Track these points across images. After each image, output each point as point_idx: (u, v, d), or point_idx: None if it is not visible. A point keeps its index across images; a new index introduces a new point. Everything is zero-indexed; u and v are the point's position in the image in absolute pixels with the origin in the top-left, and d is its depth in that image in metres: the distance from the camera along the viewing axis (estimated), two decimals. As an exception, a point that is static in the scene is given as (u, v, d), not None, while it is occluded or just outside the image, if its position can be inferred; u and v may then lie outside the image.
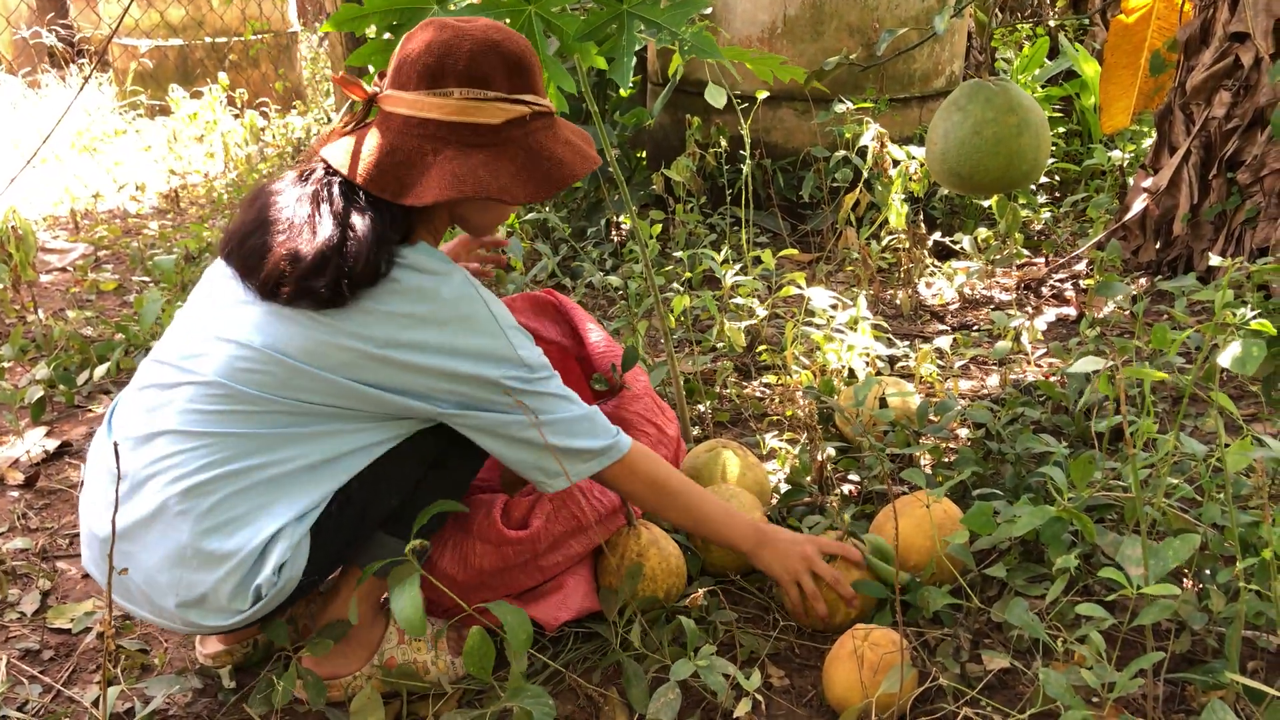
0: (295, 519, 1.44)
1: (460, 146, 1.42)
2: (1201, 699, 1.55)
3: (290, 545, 1.43)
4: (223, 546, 1.40)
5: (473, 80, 1.42)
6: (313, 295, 1.38)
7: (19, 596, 1.93)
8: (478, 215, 1.56)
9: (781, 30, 3.80)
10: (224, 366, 1.42)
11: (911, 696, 1.55)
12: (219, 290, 1.50)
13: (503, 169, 1.43)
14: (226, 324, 1.45)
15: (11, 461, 2.43)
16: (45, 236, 4.23)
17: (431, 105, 1.41)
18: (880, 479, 2.13)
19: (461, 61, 1.41)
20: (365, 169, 1.41)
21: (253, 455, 1.42)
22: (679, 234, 3.60)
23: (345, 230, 1.39)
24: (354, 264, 1.37)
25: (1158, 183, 3.39)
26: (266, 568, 1.42)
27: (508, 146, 1.45)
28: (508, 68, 1.44)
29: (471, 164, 1.41)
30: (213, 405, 1.42)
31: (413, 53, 1.43)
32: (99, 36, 7.29)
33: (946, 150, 2.13)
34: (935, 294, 3.38)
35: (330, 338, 1.40)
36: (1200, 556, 1.66)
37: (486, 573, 1.70)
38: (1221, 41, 3.22)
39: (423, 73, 1.42)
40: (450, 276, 1.44)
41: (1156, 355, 2.44)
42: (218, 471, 1.40)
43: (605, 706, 1.60)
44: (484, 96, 1.42)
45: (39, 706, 1.66)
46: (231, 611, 1.44)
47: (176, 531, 1.40)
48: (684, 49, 1.87)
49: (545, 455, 1.53)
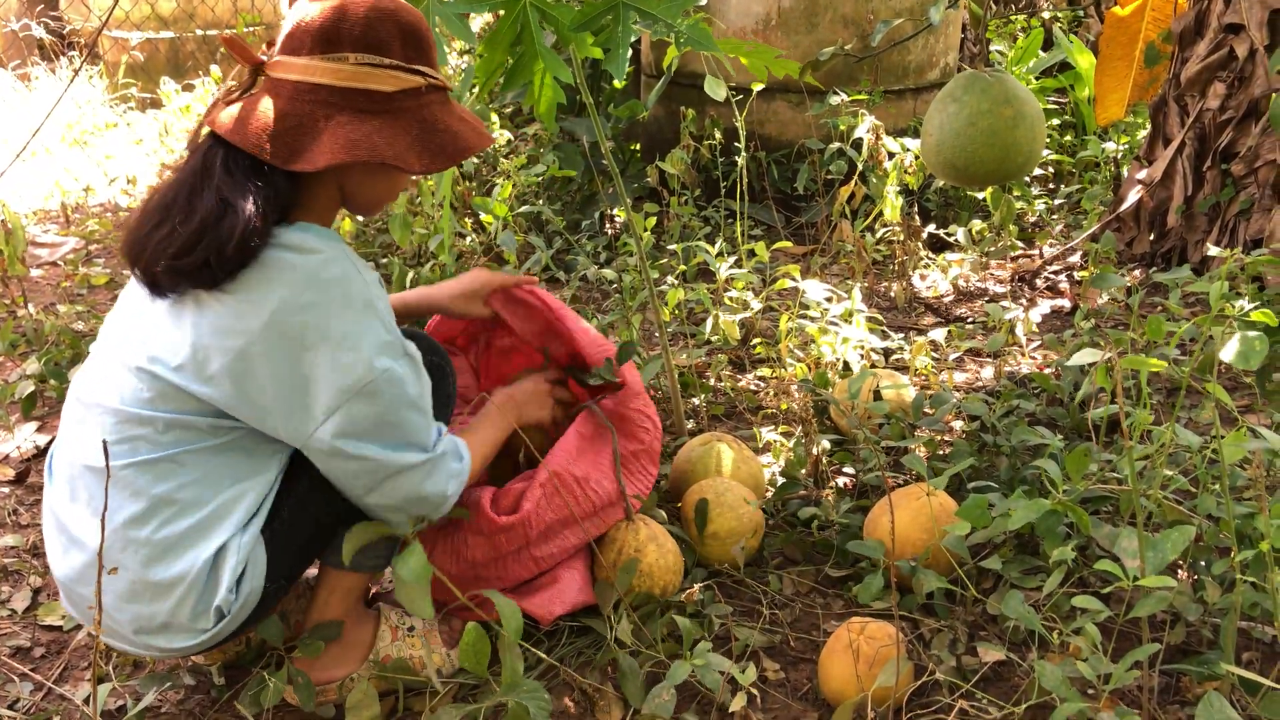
0: (239, 530, 1.41)
1: (353, 112, 1.38)
2: (1197, 690, 1.55)
3: (240, 559, 1.40)
4: (169, 573, 1.38)
5: (368, 46, 1.38)
6: (185, 275, 1.33)
7: (9, 594, 1.92)
8: (367, 189, 1.48)
9: (776, 22, 3.79)
10: (124, 393, 1.39)
11: (907, 690, 1.54)
12: (123, 309, 1.47)
13: (397, 138, 1.39)
14: (122, 343, 1.43)
15: (2, 457, 2.41)
16: (35, 230, 4.21)
17: (325, 70, 1.37)
18: (876, 471, 2.13)
19: (358, 27, 1.37)
20: (253, 135, 1.35)
21: (175, 475, 1.39)
22: (673, 227, 3.59)
23: (224, 206, 1.33)
24: (226, 241, 1.31)
25: (1152, 175, 3.39)
26: (221, 586, 1.40)
27: (401, 116, 1.40)
28: (403, 36, 1.40)
29: (366, 130, 1.37)
30: (123, 435, 1.39)
31: (307, 19, 1.39)
32: (89, 29, 7.25)
33: (942, 142, 2.13)
34: (930, 286, 3.38)
35: (212, 339, 1.35)
36: (1195, 548, 1.66)
37: (479, 564, 1.69)
38: (1216, 33, 3.22)
39: (317, 37, 1.37)
40: (329, 254, 1.37)
41: (1151, 347, 2.44)
42: (146, 501, 1.38)
43: (600, 702, 1.60)
44: (379, 62, 1.38)
45: (30, 704, 1.65)
46: (197, 631, 1.42)
47: (123, 568, 1.38)
48: (680, 41, 1.85)
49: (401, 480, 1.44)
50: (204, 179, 1.37)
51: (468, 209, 3.69)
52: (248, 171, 1.36)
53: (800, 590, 1.88)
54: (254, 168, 1.37)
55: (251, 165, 1.37)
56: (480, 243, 3.51)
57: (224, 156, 1.37)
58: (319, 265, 1.36)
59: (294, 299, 1.34)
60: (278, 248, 1.36)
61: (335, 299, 1.35)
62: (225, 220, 1.32)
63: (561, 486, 1.73)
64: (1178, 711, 1.53)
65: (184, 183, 1.39)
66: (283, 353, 1.34)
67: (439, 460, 1.46)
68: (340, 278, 1.37)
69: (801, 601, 1.84)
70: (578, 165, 3.86)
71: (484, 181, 4.18)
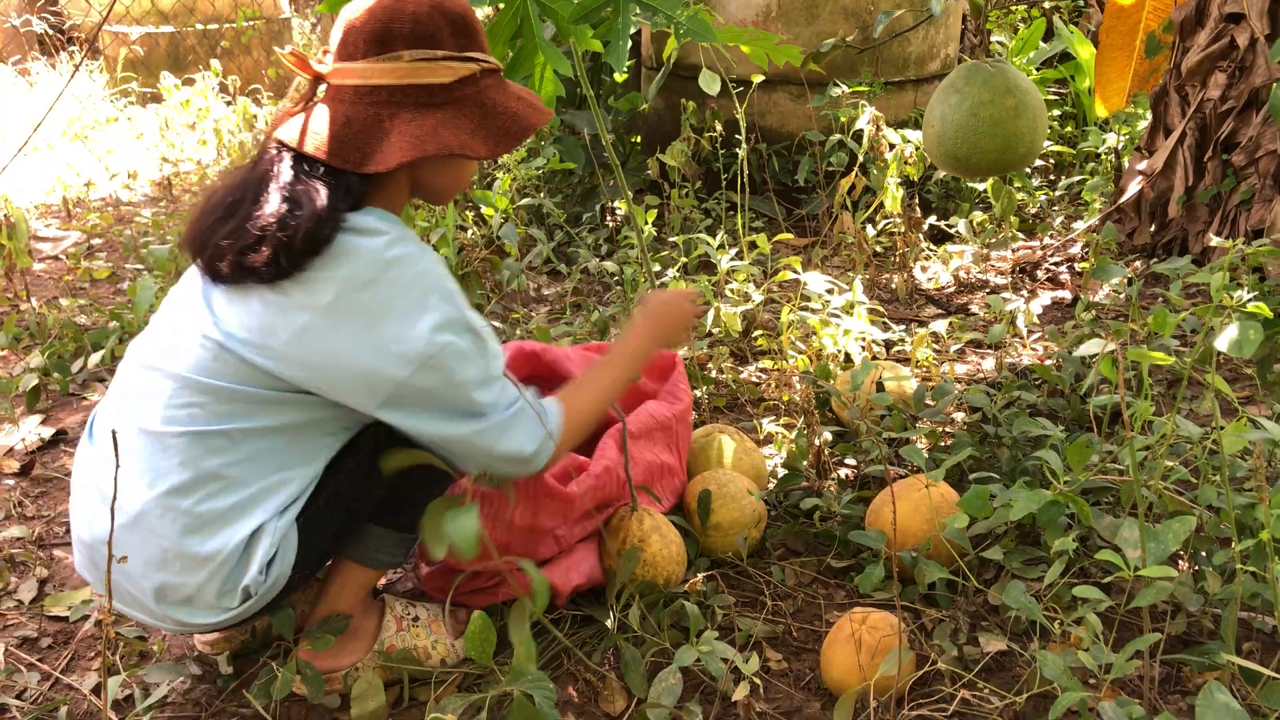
0: (276, 514, 1.43)
1: (415, 108, 1.41)
2: (1198, 680, 1.56)
3: (274, 542, 1.42)
4: (204, 548, 1.39)
5: (420, 41, 1.40)
6: (252, 270, 1.35)
7: (16, 585, 1.93)
8: (439, 178, 1.52)
9: (776, 13, 3.79)
10: (189, 360, 1.41)
11: (909, 679, 1.55)
12: (186, 285, 1.50)
13: (461, 126, 1.42)
14: (189, 317, 1.44)
15: (7, 450, 2.42)
16: (38, 225, 4.21)
17: (381, 71, 1.40)
18: (878, 463, 2.14)
19: (408, 24, 1.40)
20: (322, 142, 1.39)
21: (226, 451, 1.40)
22: (674, 219, 3.59)
23: (291, 203, 1.36)
24: (293, 234, 1.34)
25: (1153, 165, 3.39)
26: (252, 567, 1.41)
27: (462, 104, 1.44)
28: (453, 26, 1.43)
29: (430, 124, 1.40)
30: (183, 402, 1.40)
31: (356, 22, 1.41)
32: (89, 24, 7.24)
33: (944, 132, 2.13)
34: (931, 278, 3.38)
35: (278, 315, 1.37)
36: (1196, 539, 1.66)
37: (515, 529, 1.70)
38: (1217, 23, 3.21)
39: (370, 39, 1.40)
40: (394, 235, 1.39)
41: (1152, 338, 2.45)
42: (194, 471, 1.39)
43: (604, 690, 1.61)
44: (433, 56, 1.40)
45: (38, 694, 1.66)
46: (221, 609, 1.43)
47: (158, 535, 1.39)
48: (679, 32, 1.86)
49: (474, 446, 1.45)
50: (271, 180, 1.40)
51: (469, 202, 3.69)
52: (317, 175, 1.39)
53: (802, 581, 1.89)
54: (325, 171, 1.40)
55: (323, 167, 1.40)
56: (481, 235, 3.52)
57: (293, 160, 1.41)
58: (382, 245, 1.38)
59: (357, 277, 1.36)
60: (343, 231, 1.39)
61: (397, 277, 1.37)
62: (292, 218, 1.35)
63: (611, 482, 1.80)
64: (1179, 701, 1.53)
65: (249, 182, 1.42)
66: (346, 329, 1.36)
67: (508, 422, 1.45)
68: (402, 256, 1.38)
69: (804, 592, 1.85)
70: (579, 158, 3.86)
71: (484, 174, 4.19)
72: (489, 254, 3.28)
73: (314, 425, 1.45)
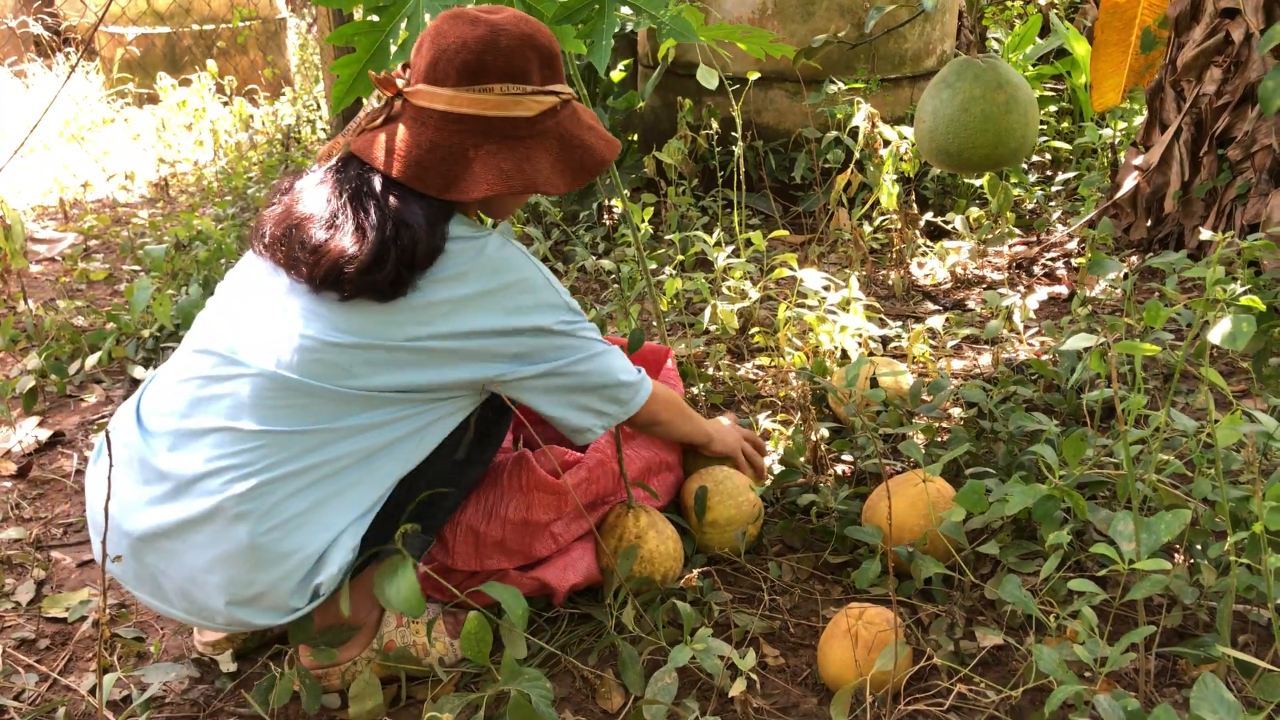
0: (358, 517, 1.45)
1: (499, 140, 1.45)
2: (1193, 673, 1.56)
3: (354, 544, 1.44)
4: (282, 546, 1.39)
5: (512, 75, 1.44)
6: (374, 289, 1.39)
7: (14, 586, 1.93)
8: (511, 201, 1.62)
9: (772, 11, 3.79)
10: (279, 358, 1.40)
11: (906, 674, 1.55)
12: (262, 283, 1.48)
13: (541, 161, 1.48)
14: (277, 315, 1.43)
15: (4, 452, 2.42)
16: (34, 226, 4.21)
17: (470, 101, 1.43)
18: (874, 458, 2.14)
19: (502, 58, 1.43)
20: (407, 165, 1.43)
21: (311, 452, 1.41)
22: (671, 217, 3.59)
23: (399, 224, 1.41)
24: (411, 252, 1.40)
25: (1149, 160, 3.39)
26: (331, 566, 1.42)
27: (543, 138, 1.48)
28: (542, 61, 1.47)
29: (515, 159, 1.45)
30: (269, 399, 1.40)
31: (450, 49, 1.43)
32: (85, 25, 7.24)
33: (935, 128, 2.13)
34: (927, 274, 3.38)
35: (389, 315, 1.42)
36: (1191, 531, 1.67)
37: (510, 524, 1.70)
38: (1212, 18, 3.22)
39: (462, 69, 1.43)
40: (489, 237, 1.48)
41: (1148, 332, 2.45)
42: (278, 472, 1.39)
43: (601, 688, 1.61)
44: (522, 91, 1.45)
45: (35, 695, 1.66)
46: (287, 610, 1.43)
47: (234, 532, 1.37)
48: (662, 32, 1.86)
49: (593, 396, 1.60)
50: (366, 198, 1.43)
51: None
52: (409, 192, 1.44)
53: (799, 577, 1.89)
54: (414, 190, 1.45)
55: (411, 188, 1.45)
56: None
57: (384, 181, 1.45)
58: (487, 243, 1.47)
59: (471, 272, 1.44)
60: (450, 240, 1.45)
61: (505, 269, 1.47)
62: (402, 236, 1.40)
63: (604, 475, 1.81)
64: (1174, 694, 1.54)
65: (342, 198, 1.44)
66: (468, 318, 1.45)
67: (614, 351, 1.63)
68: (504, 251, 1.48)
69: (800, 588, 1.86)
70: (575, 156, 3.85)
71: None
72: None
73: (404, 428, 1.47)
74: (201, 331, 1.51)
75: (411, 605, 1.37)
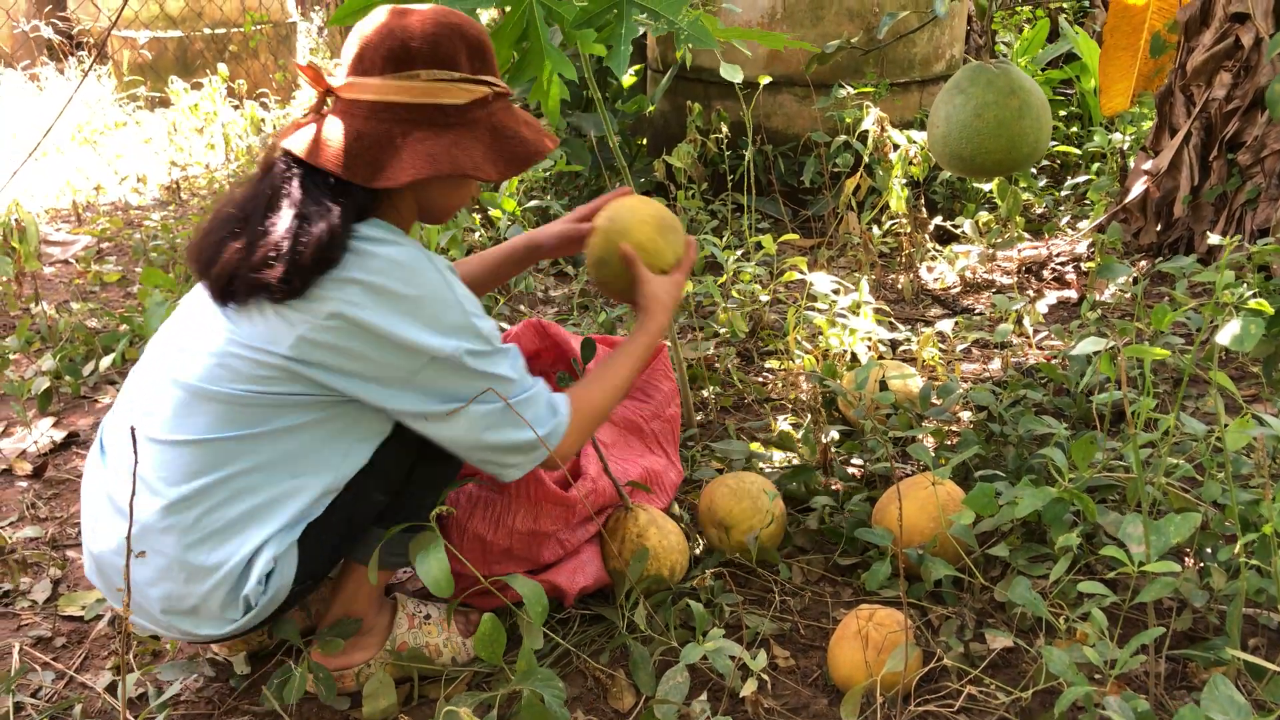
0: (283, 528, 1.44)
1: (428, 127, 1.42)
2: (1203, 675, 1.57)
3: (275, 554, 1.43)
4: (209, 559, 1.40)
5: (438, 62, 1.42)
6: (265, 289, 1.36)
7: (30, 585, 1.95)
8: (444, 198, 1.53)
9: (781, 15, 3.80)
10: (199, 370, 1.42)
11: (916, 676, 1.56)
12: (195, 298, 1.51)
13: (472, 148, 1.44)
14: (196, 323, 1.46)
15: (20, 452, 2.44)
16: (48, 229, 4.24)
17: (398, 89, 1.41)
18: (884, 461, 2.15)
19: (426, 45, 1.41)
20: (334, 155, 1.40)
21: (233, 461, 1.41)
22: (680, 220, 3.60)
23: (302, 221, 1.37)
24: (303, 253, 1.35)
25: (1158, 165, 3.40)
26: (252, 578, 1.42)
27: (473, 127, 1.45)
28: (471, 50, 1.44)
29: (443, 143, 1.42)
30: (185, 410, 1.41)
31: (373, 39, 1.42)
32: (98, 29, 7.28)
33: (948, 133, 2.14)
34: (937, 278, 3.39)
35: (283, 316, 1.38)
36: (1201, 535, 1.67)
37: (517, 533, 1.71)
38: (1222, 22, 3.22)
39: (388, 57, 1.41)
40: (401, 245, 1.41)
41: (1157, 336, 2.45)
42: (200, 482, 1.40)
43: (613, 688, 1.62)
44: (450, 77, 1.42)
45: (52, 693, 1.67)
46: (225, 620, 1.44)
47: (163, 545, 1.41)
48: (681, 37, 1.87)
49: (489, 450, 1.48)
50: (281, 196, 1.41)
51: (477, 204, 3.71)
52: (326, 189, 1.40)
53: (810, 579, 1.90)
54: (334, 185, 1.41)
55: (332, 183, 1.41)
56: (489, 238, 3.53)
57: (302, 176, 1.41)
58: (394, 252, 1.40)
59: (369, 281, 1.37)
60: (354, 240, 1.40)
61: (407, 282, 1.39)
62: (303, 237, 1.36)
63: (608, 486, 1.81)
64: (1184, 696, 1.54)
65: (259, 197, 1.42)
66: (358, 333, 1.37)
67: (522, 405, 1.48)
68: (411, 262, 1.40)
69: (811, 590, 1.86)
70: (585, 160, 3.87)
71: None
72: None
73: (327, 433, 1.45)
74: (144, 353, 1.55)
75: (440, 585, 1.37)
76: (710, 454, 2.29)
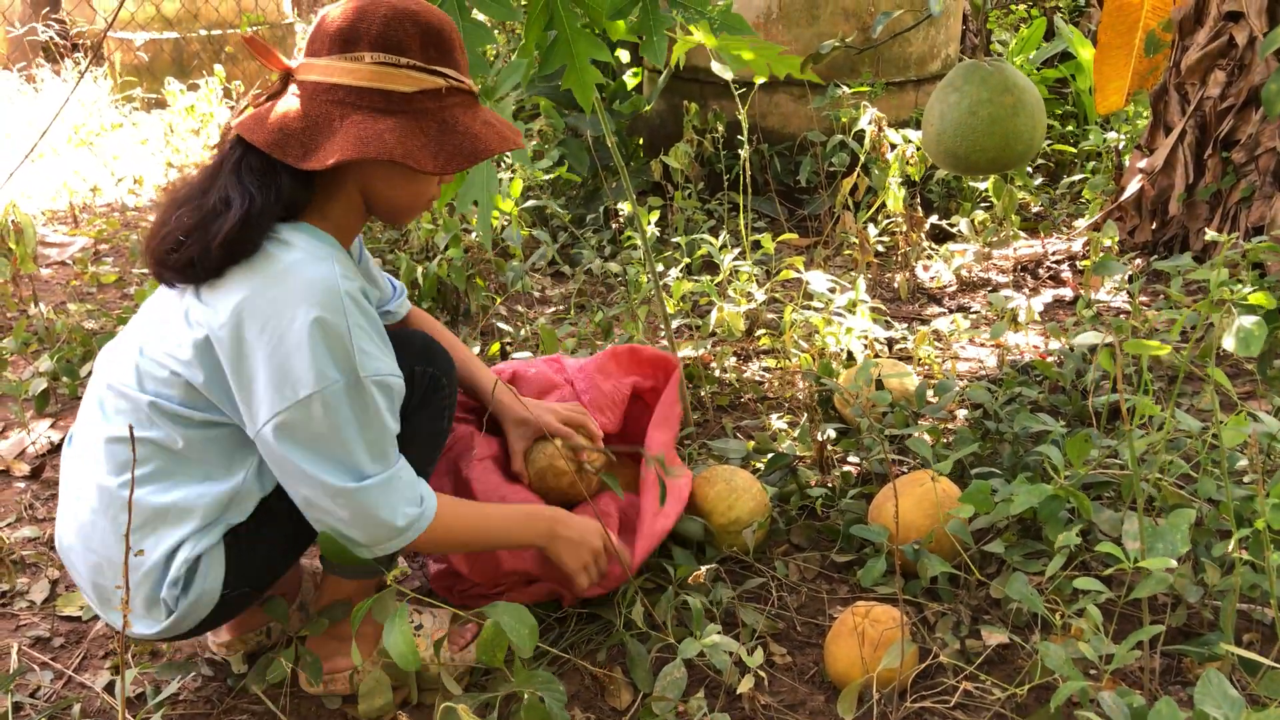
0: (199, 530, 1.41)
1: (369, 112, 1.36)
2: (1198, 671, 1.57)
3: (191, 556, 1.40)
4: (130, 557, 1.39)
5: (386, 46, 1.37)
6: (173, 270, 1.36)
7: (28, 585, 1.95)
8: (387, 192, 1.45)
9: (777, 15, 3.81)
10: (123, 370, 1.44)
11: (912, 672, 1.57)
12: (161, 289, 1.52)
13: (411, 137, 1.37)
14: (136, 327, 1.49)
15: (18, 453, 2.45)
16: (45, 230, 4.24)
17: (342, 70, 1.37)
18: (880, 458, 2.15)
19: (375, 26, 1.37)
20: (270, 134, 1.36)
21: (151, 460, 1.41)
22: (677, 220, 3.61)
23: (223, 205, 1.35)
24: (213, 239, 1.33)
25: (1153, 163, 3.40)
26: (170, 580, 1.41)
27: (420, 117, 1.39)
28: (423, 36, 1.39)
29: (379, 128, 1.35)
30: (119, 408, 1.44)
31: (326, 19, 1.40)
32: (94, 30, 7.28)
33: (943, 131, 2.14)
34: (933, 276, 3.40)
35: (181, 303, 1.39)
36: (1196, 531, 1.68)
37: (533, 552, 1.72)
38: (1216, 21, 3.23)
39: (335, 37, 1.38)
40: (316, 260, 1.35)
41: (1153, 334, 2.46)
42: (124, 476, 1.41)
43: (610, 686, 1.62)
44: (396, 63, 1.37)
45: (50, 693, 1.68)
46: (152, 620, 1.43)
47: (97, 541, 1.43)
48: (714, 27, 1.87)
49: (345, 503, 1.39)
50: (215, 178, 1.40)
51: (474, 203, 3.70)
52: (257, 173, 1.37)
53: (806, 576, 1.90)
54: (265, 169, 1.37)
55: (263, 166, 1.37)
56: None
57: (239, 157, 1.39)
58: (297, 262, 1.35)
59: (262, 291, 1.33)
60: (269, 241, 1.37)
61: (303, 299, 1.32)
62: (219, 220, 1.34)
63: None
64: (1179, 691, 1.55)
65: (198, 181, 1.42)
66: (240, 345, 1.34)
67: (385, 486, 1.40)
68: (316, 279, 1.34)
69: (807, 587, 1.87)
70: (582, 160, 3.88)
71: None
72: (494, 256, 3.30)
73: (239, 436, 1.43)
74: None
75: (407, 659, 1.32)
76: (708, 452, 2.29)
